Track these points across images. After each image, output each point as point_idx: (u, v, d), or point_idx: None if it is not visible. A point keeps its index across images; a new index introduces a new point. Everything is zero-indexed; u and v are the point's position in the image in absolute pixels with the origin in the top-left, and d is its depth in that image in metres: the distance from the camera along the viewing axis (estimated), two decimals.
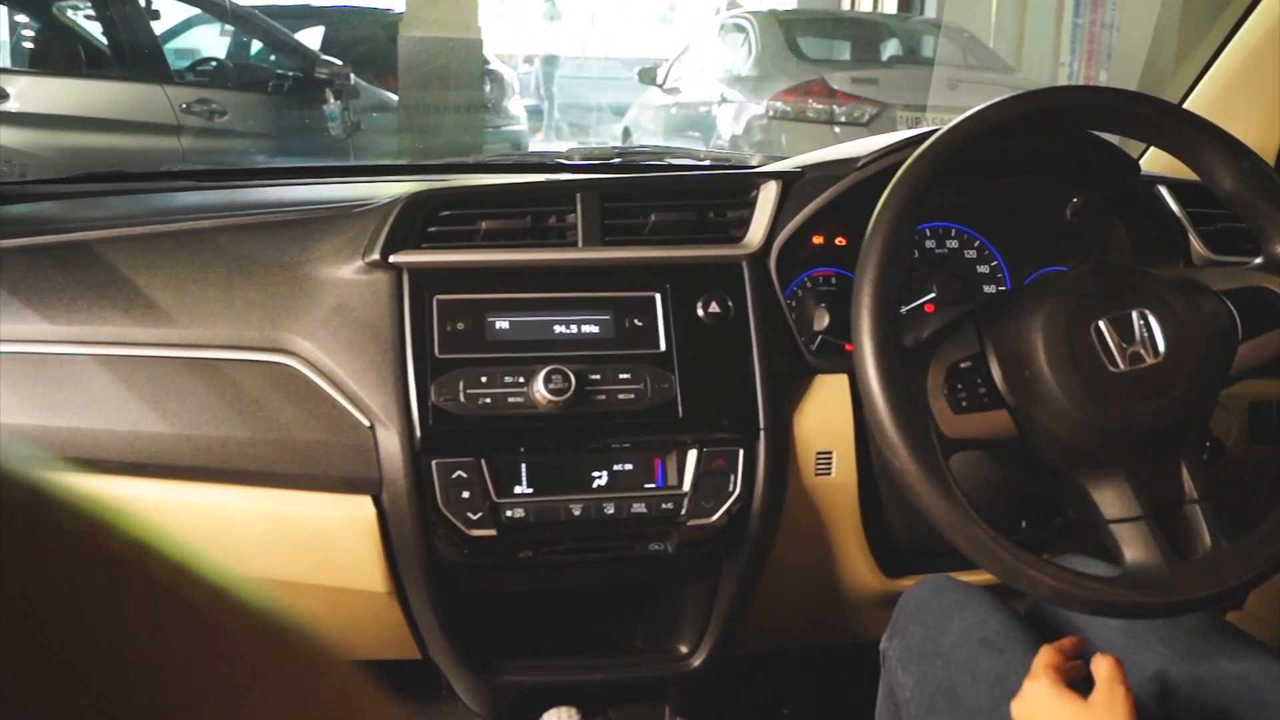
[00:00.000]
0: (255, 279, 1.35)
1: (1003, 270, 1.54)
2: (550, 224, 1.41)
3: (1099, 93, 1.26)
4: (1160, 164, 1.66)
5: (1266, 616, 1.72)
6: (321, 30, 6.25)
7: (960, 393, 1.15)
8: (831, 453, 1.39)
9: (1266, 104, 1.67)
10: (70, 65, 5.14)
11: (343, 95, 5.28)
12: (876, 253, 1.13)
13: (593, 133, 9.66)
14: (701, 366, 1.35)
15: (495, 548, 1.31)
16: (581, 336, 1.35)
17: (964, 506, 1.08)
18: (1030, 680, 1.05)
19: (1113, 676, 1.00)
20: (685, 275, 1.39)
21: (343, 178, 1.86)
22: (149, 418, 1.30)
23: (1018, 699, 1.05)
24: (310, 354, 1.31)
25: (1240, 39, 1.65)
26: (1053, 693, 1.02)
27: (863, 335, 1.11)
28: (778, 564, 1.43)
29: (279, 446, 1.30)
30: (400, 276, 1.34)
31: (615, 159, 1.95)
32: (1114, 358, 1.12)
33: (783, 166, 1.54)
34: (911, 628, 1.23)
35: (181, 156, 4.92)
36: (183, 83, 5.39)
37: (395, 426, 1.28)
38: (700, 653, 1.46)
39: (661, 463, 1.34)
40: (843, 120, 5.91)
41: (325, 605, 1.41)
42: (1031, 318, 1.15)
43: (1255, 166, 1.21)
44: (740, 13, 7.44)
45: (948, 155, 1.17)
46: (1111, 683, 0.99)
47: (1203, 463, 1.18)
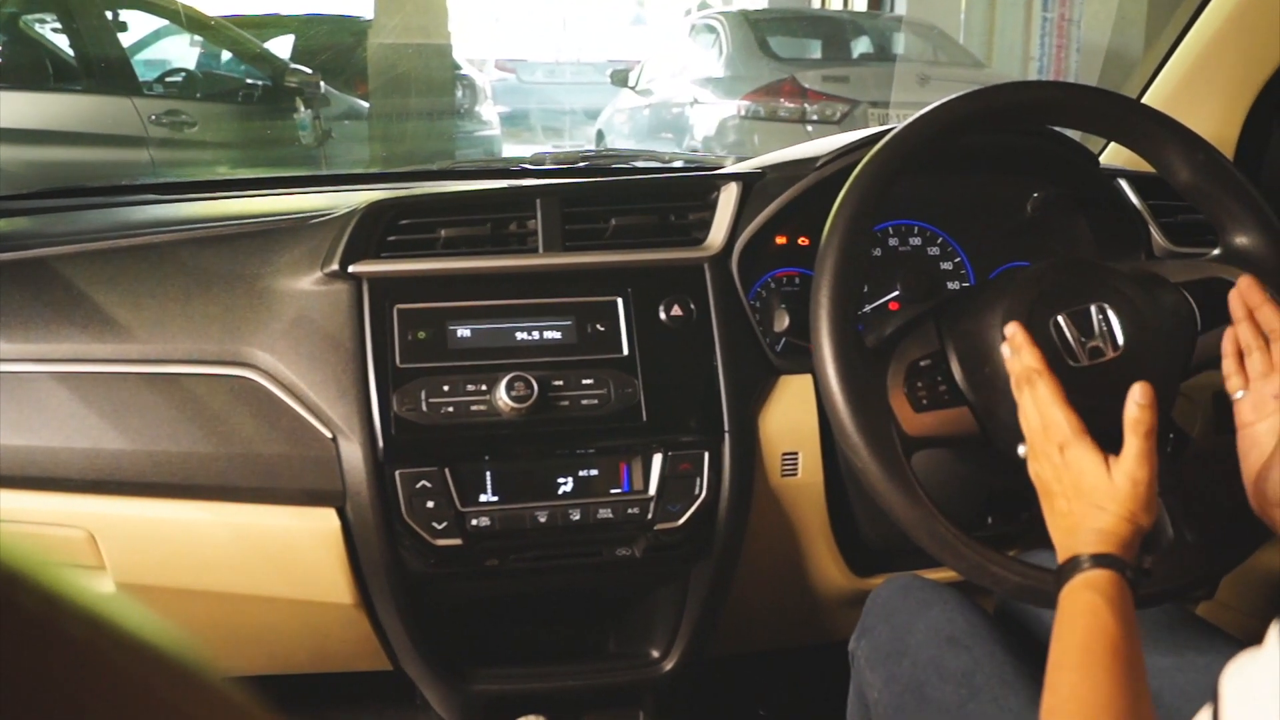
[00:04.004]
0: (214, 292, 1.35)
1: (966, 267, 1.54)
2: (511, 230, 1.40)
3: (1054, 88, 1.26)
4: (1121, 158, 1.66)
5: (1237, 606, 1.72)
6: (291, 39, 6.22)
7: (920, 391, 1.15)
8: (797, 453, 1.39)
9: (1224, 96, 1.68)
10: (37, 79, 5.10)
11: (313, 104, 5.25)
12: (834, 253, 1.13)
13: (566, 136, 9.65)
14: (665, 370, 1.35)
15: (462, 557, 1.30)
16: (544, 343, 1.34)
17: (926, 504, 1.08)
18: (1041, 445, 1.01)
19: (1142, 421, 0.96)
20: (647, 279, 1.39)
21: (307, 188, 1.85)
22: (109, 434, 1.29)
23: (1029, 430, 1.02)
24: (271, 366, 1.30)
25: (1197, 31, 1.66)
26: (1071, 447, 0.99)
27: (822, 336, 1.11)
28: (747, 566, 1.42)
29: (241, 460, 1.29)
30: (360, 286, 1.33)
31: (581, 163, 1.95)
32: (1074, 352, 1.12)
33: (743, 168, 1.54)
34: (879, 627, 1.23)
35: (151, 168, 4.89)
36: (151, 94, 5.35)
37: (357, 437, 1.28)
38: (672, 657, 1.45)
39: (627, 467, 1.34)
40: (815, 119, 5.91)
41: (292, 618, 1.41)
42: (990, 314, 1.15)
43: (1211, 158, 1.22)
44: (711, 13, 7.44)
45: (904, 153, 1.17)
46: (1139, 429, 0.96)
47: (1166, 455, 1.19)
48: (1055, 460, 0.99)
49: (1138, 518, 0.94)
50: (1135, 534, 0.94)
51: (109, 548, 1.33)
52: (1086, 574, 0.91)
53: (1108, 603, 0.88)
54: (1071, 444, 0.98)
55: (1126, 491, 0.94)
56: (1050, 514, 1.00)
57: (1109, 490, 0.94)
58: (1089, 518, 0.95)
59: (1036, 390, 1.02)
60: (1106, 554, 0.92)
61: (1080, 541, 0.94)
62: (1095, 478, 0.95)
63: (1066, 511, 0.97)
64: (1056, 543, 0.98)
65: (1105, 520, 0.94)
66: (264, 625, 1.44)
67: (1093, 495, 0.95)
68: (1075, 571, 0.92)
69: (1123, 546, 0.92)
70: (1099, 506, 0.94)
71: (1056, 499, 0.99)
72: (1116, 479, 0.94)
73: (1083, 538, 0.94)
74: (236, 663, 1.56)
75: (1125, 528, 0.93)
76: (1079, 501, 0.96)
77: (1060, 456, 0.98)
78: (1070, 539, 0.95)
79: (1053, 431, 1.00)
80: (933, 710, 1.09)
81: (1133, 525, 0.94)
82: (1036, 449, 1.02)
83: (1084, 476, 0.96)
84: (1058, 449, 0.99)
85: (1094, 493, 0.95)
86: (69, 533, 1.32)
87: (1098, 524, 0.94)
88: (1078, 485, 0.97)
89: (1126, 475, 0.94)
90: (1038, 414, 1.01)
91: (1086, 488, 0.96)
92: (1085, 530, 0.94)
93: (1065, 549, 0.95)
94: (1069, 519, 0.97)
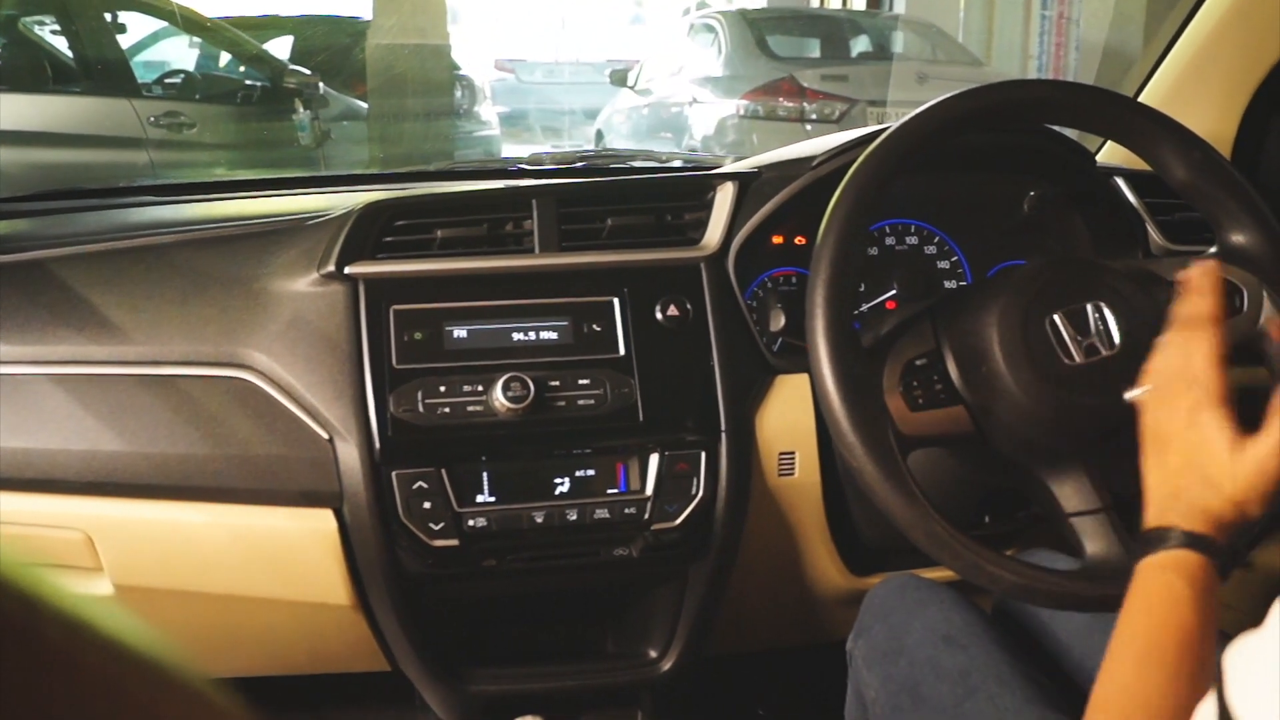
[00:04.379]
0: (211, 294, 1.35)
1: (963, 265, 1.54)
2: (507, 231, 1.40)
3: (1049, 86, 1.26)
4: (1119, 156, 1.66)
5: (1235, 604, 1.72)
6: (290, 40, 6.23)
7: (916, 390, 1.15)
8: (794, 453, 1.39)
9: (1222, 93, 1.68)
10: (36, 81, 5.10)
11: (312, 104, 5.25)
12: (829, 252, 1.13)
13: (566, 136, 9.65)
14: (661, 370, 1.35)
15: (459, 558, 1.30)
16: (540, 343, 1.34)
17: (922, 504, 1.08)
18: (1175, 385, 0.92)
19: None
20: (643, 279, 1.39)
21: (304, 189, 1.85)
22: (106, 436, 1.29)
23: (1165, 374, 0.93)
24: (267, 368, 1.30)
25: (1194, 29, 1.66)
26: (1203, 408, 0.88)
27: (817, 335, 1.11)
28: (745, 565, 1.42)
29: (238, 462, 1.29)
30: (356, 288, 1.33)
31: (578, 163, 1.95)
32: (1070, 351, 1.12)
33: (740, 167, 1.54)
34: (876, 627, 1.23)
35: (150, 170, 4.89)
36: (150, 96, 5.35)
37: (354, 439, 1.28)
38: (670, 656, 1.45)
39: (624, 467, 1.34)
40: (813, 118, 5.92)
41: (289, 620, 1.41)
42: (986, 313, 1.15)
43: (1206, 156, 1.22)
44: (709, 13, 7.44)
45: (899, 152, 1.17)
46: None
47: None
48: (1184, 415, 0.89)
49: (1249, 507, 0.85)
50: (1239, 523, 0.85)
51: (106, 549, 1.33)
52: (1174, 552, 0.83)
53: (1191, 590, 0.80)
54: (1209, 408, 0.88)
55: (1249, 477, 0.84)
56: (1156, 468, 0.91)
57: (1229, 469, 0.85)
58: (1197, 490, 0.86)
59: (1197, 339, 0.92)
60: (1203, 535, 0.83)
61: (1178, 512, 0.86)
62: (1220, 452, 0.86)
63: (1174, 470, 0.88)
64: (1150, 501, 0.89)
65: (1213, 499, 0.85)
66: (262, 626, 1.44)
67: (1210, 468, 0.86)
68: (1162, 544, 0.84)
69: (1222, 531, 0.84)
70: (1211, 482, 0.85)
71: (1169, 453, 0.90)
72: (1242, 461, 0.85)
73: (1182, 509, 0.86)
74: (235, 664, 1.56)
75: (1232, 513, 0.85)
76: (1192, 468, 0.87)
77: (1192, 414, 0.89)
78: (1168, 503, 0.87)
79: (1197, 387, 0.90)
80: (929, 710, 1.09)
81: (1240, 513, 0.85)
82: (1167, 397, 0.92)
83: (1208, 445, 0.87)
84: (1193, 406, 0.89)
85: (1213, 465, 0.86)
86: (66, 535, 1.32)
87: (1204, 500, 0.85)
88: (1198, 451, 0.87)
89: (1256, 461, 0.84)
90: (1186, 362, 0.91)
91: (1206, 458, 0.86)
92: (1188, 501, 0.86)
93: (1159, 513, 0.87)
94: (1174, 479, 0.88)
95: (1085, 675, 1.16)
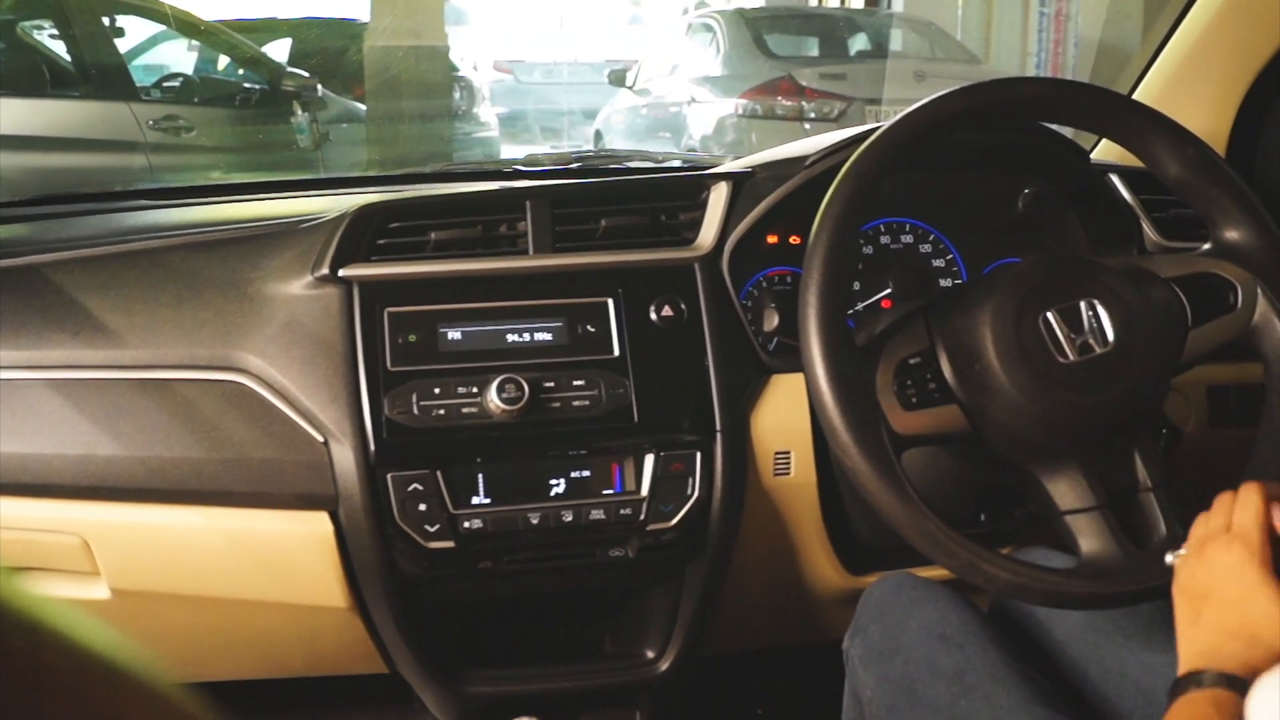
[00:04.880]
0: (205, 297, 1.35)
1: (958, 263, 1.54)
2: (501, 232, 1.40)
3: (1042, 84, 1.26)
4: (1114, 153, 1.66)
5: None
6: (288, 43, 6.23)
7: (910, 389, 1.15)
8: (790, 452, 1.39)
9: (1216, 90, 1.67)
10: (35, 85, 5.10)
11: (310, 107, 5.25)
12: (821, 251, 1.13)
13: (565, 136, 9.65)
14: (656, 370, 1.35)
15: (455, 559, 1.30)
16: (534, 344, 1.34)
17: (917, 503, 1.08)
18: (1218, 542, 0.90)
19: None
20: (637, 279, 1.39)
21: (299, 192, 1.85)
22: (101, 440, 1.29)
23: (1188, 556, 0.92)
24: (262, 371, 1.31)
25: (1188, 25, 1.65)
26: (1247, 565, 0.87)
27: (810, 335, 1.11)
28: (741, 565, 1.42)
29: (233, 465, 1.29)
30: (350, 290, 1.33)
31: (573, 164, 1.95)
32: (1063, 349, 1.12)
33: (733, 167, 1.54)
34: (872, 626, 1.23)
35: (149, 174, 4.89)
36: (149, 99, 5.35)
37: (349, 441, 1.28)
38: (667, 657, 1.45)
39: (619, 468, 1.33)
40: (812, 116, 5.92)
41: (286, 623, 1.41)
42: (980, 311, 1.15)
43: (1200, 152, 1.22)
44: (707, 12, 7.45)
45: (891, 151, 1.17)
46: None
47: (1157, 451, 1.18)
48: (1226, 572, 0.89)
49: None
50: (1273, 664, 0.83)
51: (103, 554, 1.33)
52: (1213, 691, 0.82)
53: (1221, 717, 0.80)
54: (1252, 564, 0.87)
55: None
56: (1190, 624, 0.90)
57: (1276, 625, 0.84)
58: (1240, 647, 0.85)
59: (1249, 544, 0.89)
60: (1239, 678, 0.82)
61: (1219, 656, 0.85)
62: (1270, 606, 0.85)
63: (1213, 628, 0.87)
64: (1185, 654, 0.88)
65: (1257, 653, 0.83)
66: (259, 629, 1.44)
67: (1258, 625, 0.85)
68: (1196, 686, 0.83)
69: (1256, 673, 0.82)
70: (1260, 640, 0.84)
71: (1209, 609, 0.89)
72: None
73: (1223, 654, 0.85)
74: (233, 667, 1.57)
75: (1273, 662, 0.82)
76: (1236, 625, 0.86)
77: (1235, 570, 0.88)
78: (1205, 660, 0.86)
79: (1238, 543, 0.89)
80: (924, 708, 1.09)
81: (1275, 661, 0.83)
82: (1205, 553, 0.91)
83: (1256, 601, 0.86)
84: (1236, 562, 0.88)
85: (1261, 622, 0.85)
86: (63, 539, 1.32)
87: (1246, 656, 0.84)
88: (1242, 607, 0.86)
89: None
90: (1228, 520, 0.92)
91: (1255, 613, 0.85)
92: (1228, 655, 0.84)
93: (1194, 662, 0.86)
94: (1211, 639, 0.87)
95: (1081, 674, 1.16)
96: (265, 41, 5.96)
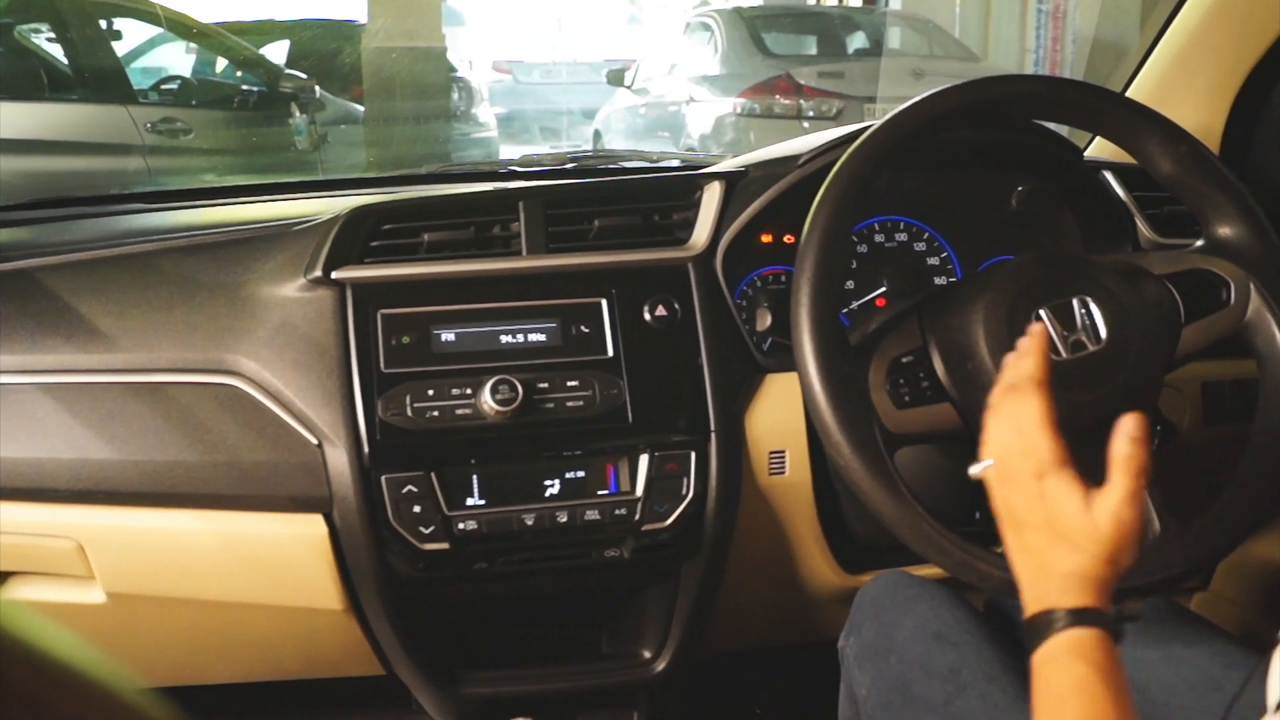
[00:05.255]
0: (198, 300, 1.35)
1: (953, 261, 1.54)
2: (494, 233, 1.40)
3: (1034, 81, 1.26)
4: (1109, 150, 1.66)
5: (1233, 598, 1.72)
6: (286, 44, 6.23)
7: (903, 388, 1.14)
8: (785, 451, 1.39)
9: (1210, 86, 1.67)
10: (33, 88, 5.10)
11: (308, 109, 5.26)
12: (813, 251, 1.13)
13: (564, 137, 9.65)
14: (650, 371, 1.35)
15: (449, 561, 1.30)
16: (528, 345, 1.34)
17: (909, 502, 1.08)
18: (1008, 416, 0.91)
19: (1134, 458, 0.85)
20: (631, 280, 1.38)
21: (294, 194, 1.84)
22: (95, 444, 1.29)
23: (1002, 448, 0.91)
24: (255, 374, 1.30)
25: (1181, 21, 1.65)
26: (1055, 463, 0.87)
27: (802, 334, 1.11)
28: (737, 565, 1.42)
29: (227, 468, 1.29)
30: (344, 292, 1.33)
31: (569, 164, 1.95)
32: (1056, 346, 1.12)
33: (726, 166, 1.54)
34: (867, 625, 1.23)
35: (147, 176, 4.89)
36: (147, 102, 5.35)
37: (343, 443, 1.28)
38: (664, 657, 1.45)
39: (613, 469, 1.33)
40: (810, 115, 5.91)
41: (283, 625, 1.41)
42: (972, 309, 1.15)
43: (1192, 149, 1.21)
44: (705, 11, 7.43)
45: (882, 150, 1.17)
46: (1130, 466, 0.85)
47: (1151, 448, 1.18)
48: (1030, 488, 0.88)
49: (1119, 560, 0.84)
50: (1114, 577, 0.84)
51: (98, 558, 1.33)
52: (1069, 634, 0.81)
53: (1095, 671, 0.78)
54: (1052, 473, 0.87)
55: (1109, 532, 0.83)
56: (1017, 549, 0.89)
57: (1089, 529, 0.84)
58: (1063, 558, 0.85)
59: (1025, 404, 0.91)
60: (1088, 608, 0.82)
61: (1054, 589, 0.84)
62: (1075, 514, 0.85)
63: (1038, 548, 0.87)
64: (1023, 582, 0.88)
65: (1082, 562, 0.84)
66: (256, 632, 1.44)
67: (1070, 533, 0.85)
68: (1050, 630, 0.82)
69: (1101, 593, 0.83)
70: (1076, 546, 0.84)
71: (1026, 531, 0.88)
72: (1099, 518, 0.84)
73: (1057, 584, 0.84)
74: (230, 670, 1.57)
75: (1104, 570, 0.84)
76: (1053, 538, 0.86)
77: (1036, 485, 0.87)
78: (1041, 581, 0.86)
79: (1032, 456, 0.89)
80: (919, 707, 1.09)
81: (1112, 568, 0.84)
82: (1009, 472, 0.90)
83: (1062, 511, 0.85)
84: (1034, 476, 0.88)
85: (1072, 531, 0.84)
86: (58, 543, 1.32)
87: (1073, 566, 0.84)
88: (1053, 520, 0.86)
89: (1111, 515, 0.83)
90: (1018, 433, 0.91)
91: (1064, 525, 0.85)
92: (1059, 574, 0.84)
93: (1036, 596, 0.86)
94: (1040, 556, 0.86)
95: None
96: (263, 43, 5.96)
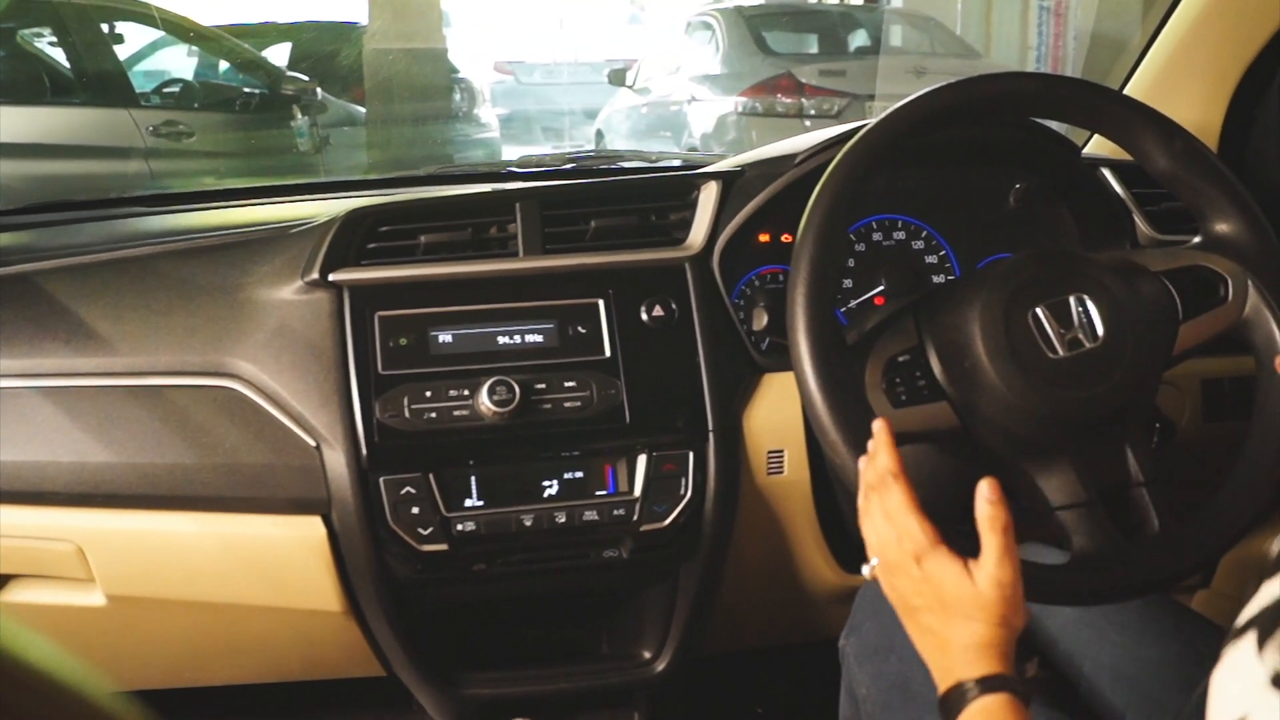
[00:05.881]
0: (196, 303, 1.35)
1: (951, 260, 1.54)
2: (491, 235, 1.40)
3: (1030, 79, 1.25)
4: (1106, 148, 1.66)
5: (1234, 596, 1.72)
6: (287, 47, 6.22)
7: (899, 386, 1.14)
8: (783, 451, 1.39)
9: (1207, 82, 1.67)
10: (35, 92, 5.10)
11: (310, 111, 5.26)
12: (809, 249, 1.13)
13: (566, 137, 9.64)
14: (648, 371, 1.35)
15: (448, 562, 1.30)
16: (526, 346, 1.34)
17: None
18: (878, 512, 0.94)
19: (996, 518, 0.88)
20: (628, 280, 1.38)
21: (294, 196, 1.85)
22: (94, 448, 1.30)
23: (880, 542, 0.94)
24: (253, 376, 1.31)
25: (1178, 18, 1.65)
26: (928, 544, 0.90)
27: (798, 333, 1.11)
28: (736, 564, 1.42)
29: (226, 471, 1.30)
30: (341, 294, 1.33)
31: (567, 165, 1.95)
32: (1053, 344, 1.11)
33: (723, 166, 1.54)
34: (867, 624, 1.22)
35: (150, 180, 4.89)
36: (149, 105, 5.35)
37: (341, 445, 1.28)
38: (664, 657, 1.45)
39: (611, 469, 1.33)
40: (812, 113, 5.90)
41: (283, 627, 1.41)
42: (969, 307, 1.14)
43: (1188, 146, 1.21)
44: (706, 10, 7.42)
45: (878, 149, 1.16)
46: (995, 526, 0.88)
47: (1149, 446, 1.18)
48: (913, 573, 0.91)
49: (1010, 621, 0.87)
50: (1011, 639, 0.88)
51: (98, 560, 1.34)
52: (980, 703, 0.84)
53: None
54: (928, 554, 0.90)
55: (994, 596, 0.87)
56: (917, 633, 0.93)
57: (975, 598, 0.87)
58: (960, 631, 0.88)
59: (889, 497, 0.94)
60: (993, 675, 0.85)
61: (959, 663, 0.87)
62: (959, 587, 0.88)
63: (934, 628, 0.90)
64: (930, 663, 0.91)
65: (977, 631, 0.87)
66: (255, 634, 1.44)
67: (959, 606, 0.88)
68: (964, 703, 0.85)
69: (1003, 658, 0.86)
70: (968, 617, 0.87)
71: (921, 614, 0.91)
72: (982, 585, 0.87)
73: (960, 657, 0.87)
74: (231, 671, 1.57)
75: (1000, 634, 0.87)
76: (945, 615, 0.89)
77: (918, 569, 0.91)
78: (945, 659, 0.89)
79: (907, 542, 0.92)
80: (918, 706, 1.09)
81: (1007, 630, 0.87)
82: (891, 563, 0.94)
83: (946, 587, 0.89)
84: (914, 560, 0.91)
85: (960, 603, 0.88)
86: (57, 546, 1.33)
87: (970, 637, 0.87)
88: (941, 597, 0.89)
89: (991, 579, 0.87)
90: (890, 524, 0.94)
91: (951, 599, 0.88)
92: (959, 647, 0.87)
93: (944, 672, 0.89)
94: (938, 635, 0.89)
95: (1074, 669, 1.16)
96: (264, 46, 5.96)
